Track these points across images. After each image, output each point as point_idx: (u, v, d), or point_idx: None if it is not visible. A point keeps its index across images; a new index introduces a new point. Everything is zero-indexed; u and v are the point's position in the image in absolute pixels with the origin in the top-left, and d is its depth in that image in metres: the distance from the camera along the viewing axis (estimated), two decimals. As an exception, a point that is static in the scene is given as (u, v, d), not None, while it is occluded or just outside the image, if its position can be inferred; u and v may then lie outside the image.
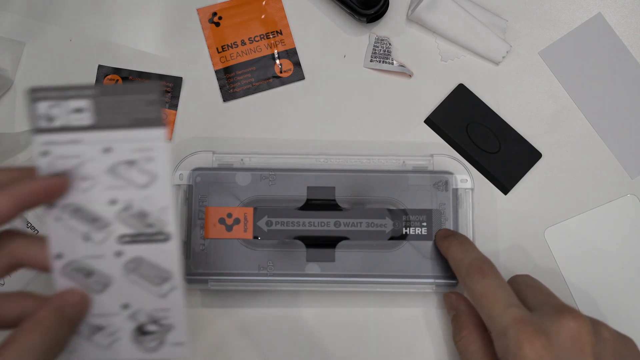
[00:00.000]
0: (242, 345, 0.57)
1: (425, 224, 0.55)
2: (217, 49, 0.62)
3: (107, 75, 0.61)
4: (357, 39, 0.62)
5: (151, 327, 0.38)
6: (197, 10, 0.63)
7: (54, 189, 0.35)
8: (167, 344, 0.38)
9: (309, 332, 0.57)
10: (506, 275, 0.57)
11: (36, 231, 0.58)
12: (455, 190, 0.56)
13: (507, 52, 0.62)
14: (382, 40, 0.62)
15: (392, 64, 0.62)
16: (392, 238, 0.55)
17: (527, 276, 0.47)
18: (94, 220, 0.37)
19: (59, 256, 0.37)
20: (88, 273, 0.37)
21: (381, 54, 0.62)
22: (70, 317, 0.36)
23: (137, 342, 0.38)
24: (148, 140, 0.36)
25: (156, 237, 0.37)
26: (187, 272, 0.54)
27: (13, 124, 0.60)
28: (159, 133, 0.36)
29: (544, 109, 0.62)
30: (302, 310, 0.57)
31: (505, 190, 0.60)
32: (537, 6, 0.64)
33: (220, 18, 0.63)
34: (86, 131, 0.36)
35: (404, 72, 0.62)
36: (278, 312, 0.57)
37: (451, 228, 0.55)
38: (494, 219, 0.59)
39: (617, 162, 0.61)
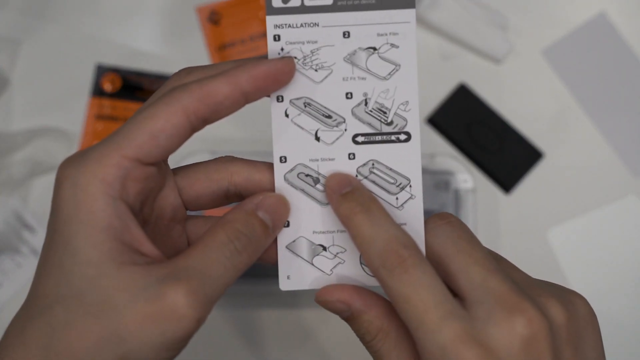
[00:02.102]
0: (242, 345, 0.57)
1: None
2: (216, 47, 0.62)
3: (105, 73, 0.61)
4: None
5: None
6: (196, 9, 0.62)
7: (276, 73, 0.31)
8: None
9: (309, 332, 0.57)
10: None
11: (36, 232, 0.58)
12: (457, 191, 0.55)
13: (508, 50, 0.61)
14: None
15: (393, 63, 0.62)
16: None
17: (450, 222, 0.32)
18: (327, 116, 0.32)
19: (282, 160, 0.33)
20: (315, 179, 0.32)
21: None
22: (264, 220, 0.31)
23: (365, 264, 0.32)
24: (395, 23, 0.32)
25: (395, 136, 0.33)
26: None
27: (10, 124, 0.60)
28: (408, 15, 0.32)
29: (545, 108, 0.61)
30: (302, 310, 0.57)
31: (506, 189, 0.60)
32: (539, 4, 0.63)
33: (219, 17, 0.62)
34: (324, 12, 0.32)
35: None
36: (278, 312, 0.57)
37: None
38: (496, 220, 0.59)
39: (621, 162, 0.60)
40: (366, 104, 0.33)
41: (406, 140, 0.33)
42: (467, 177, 0.56)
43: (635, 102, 0.61)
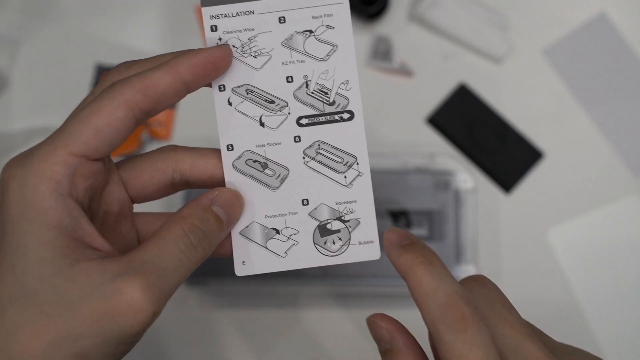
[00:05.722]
0: (242, 345, 0.56)
1: (426, 224, 0.55)
2: (216, 48, 0.62)
3: (104, 73, 0.61)
4: (358, 38, 0.62)
5: (334, 226, 0.33)
6: (196, 9, 0.62)
7: (214, 60, 0.31)
8: (354, 244, 0.33)
9: (308, 332, 0.57)
10: (508, 281, 0.57)
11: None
12: (457, 191, 0.56)
13: (508, 50, 0.61)
14: (383, 39, 0.62)
15: (393, 63, 0.61)
16: (393, 239, 0.55)
17: (484, 284, 0.32)
18: (270, 101, 0.33)
19: (229, 148, 0.33)
20: (263, 165, 0.33)
21: (382, 53, 0.61)
22: (219, 215, 0.31)
23: (319, 245, 0.33)
24: (328, 5, 0.33)
25: (338, 116, 0.33)
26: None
27: (10, 124, 0.60)
28: None
29: (545, 108, 0.61)
30: (301, 311, 0.57)
31: (506, 189, 0.60)
32: (539, 4, 0.63)
33: (219, 17, 0.62)
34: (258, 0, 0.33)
35: (405, 72, 0.62)
36: (277, 312, 0.57)
37: (453, 229, 0.54)
38: (496, 220, 0.59)
39: (621, 162, 0.60)
40: (307, 86, 0.33)
41: (349, 119, 0.33)
42: (467, 177, 0.56)
43: (635, 101, 0.61)
